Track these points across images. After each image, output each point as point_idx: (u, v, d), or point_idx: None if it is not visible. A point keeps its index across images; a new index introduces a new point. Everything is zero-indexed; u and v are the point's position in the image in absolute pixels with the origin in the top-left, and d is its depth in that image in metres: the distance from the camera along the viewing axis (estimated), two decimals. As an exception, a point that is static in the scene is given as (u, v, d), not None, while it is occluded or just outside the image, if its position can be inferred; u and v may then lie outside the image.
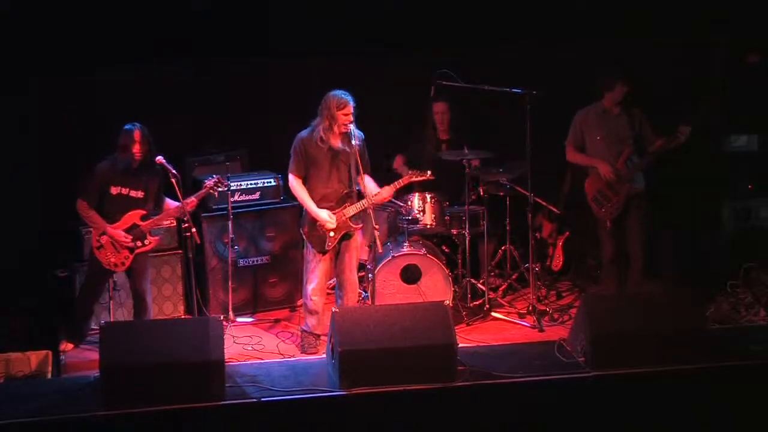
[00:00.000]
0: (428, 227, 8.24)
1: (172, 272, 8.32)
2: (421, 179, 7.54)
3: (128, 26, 8.37)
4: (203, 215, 8.35)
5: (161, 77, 8.70)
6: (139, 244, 7.49)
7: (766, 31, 9.06)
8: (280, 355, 7.44)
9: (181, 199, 7.48)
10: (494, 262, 8.82)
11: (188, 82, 8.83)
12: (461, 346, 6.82)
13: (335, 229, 7.40)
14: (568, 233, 9.04)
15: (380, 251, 7.47)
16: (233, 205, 8.17)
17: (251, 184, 8.54)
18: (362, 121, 7.41)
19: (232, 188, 8.09)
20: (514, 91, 7.90)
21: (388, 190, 7.42)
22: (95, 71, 8.45)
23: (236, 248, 8.21)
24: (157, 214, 7.59)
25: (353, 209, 7.42)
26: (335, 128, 7.29)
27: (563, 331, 7.57)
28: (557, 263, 9.07)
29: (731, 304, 8.08)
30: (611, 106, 8.14)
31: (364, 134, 7.46)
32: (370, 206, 7.37)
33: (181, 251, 8.25)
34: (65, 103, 8.52)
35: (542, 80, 8.19)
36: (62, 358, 7.35)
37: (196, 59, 8.65)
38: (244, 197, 8.49)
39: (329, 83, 7.39)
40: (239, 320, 8.22)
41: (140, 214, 7.50)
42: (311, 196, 7.41)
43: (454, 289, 8.01)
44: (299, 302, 8.22)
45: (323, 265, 7.47)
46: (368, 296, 7.89)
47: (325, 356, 7.01)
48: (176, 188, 7.44)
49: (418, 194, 8.22)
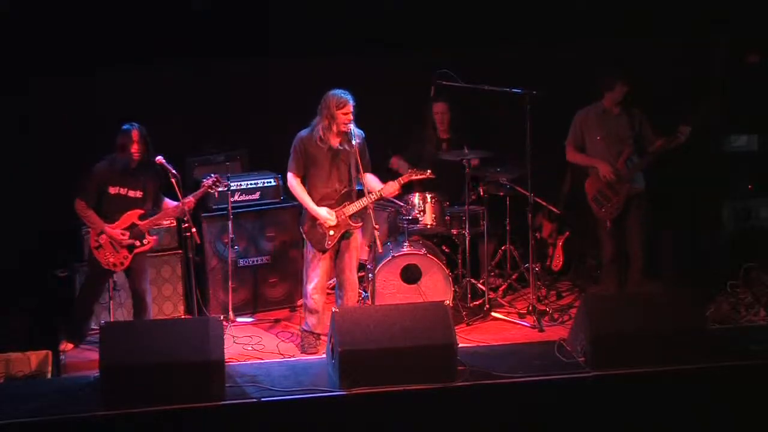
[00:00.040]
0: (428, 227, 8.24)
1: (172, 272, 8.32)
2: (421, 177, 7.54)
3: (128, 26, 8.36)
4: (203, 215, 8.35)
5: (161, 77, 8.70)
6: (137, 243, 7.49)
7: (766, 31, 9.05)
8: (280, 355, 7.44)
9: (180, 199, 7.48)
10: (494, 262, 8.82)
11: (188, 82, 8.83)
12: (461, 346, 6.82)
13: (335, 227, 7.40)
14: (568, 233, 9.03)
15: (380, 251, 7.47)
16: (233, 205, 8.17)
17: (251, 184, 8.54)
18: (362, 120, 7.41)
19: (232, 188, 8.10)
20: (514, 91, 7.90)
21: (393, 184, 7.42)
22: (95, 71, 8.45)
23: (236, 248, 8.21)
24: (155, 213, 7.59)
25: (354, 207, 7.42)
26: (335, 127, 7.28)
27: (563, 331, 7.56)
28: (557, 263, 9.07)
29: (731, 304, 8.07)
30: (611, 106, 8.14)
31: (364, 133, 7.46)
32: (371, 203, 7.36)
33: (181, 251, 8.25)
34: (65, 103, 8.51)
35: (542, 80, 8.19)
36: (62, 358, 7.34)
37: (196, 59, 8.65)
38: (244, 197, 8.49)
39: (329, 83, 7.38)
40: (239, 320, 8.22)
41: (138, 213, 7.50)
42: (311, 195, 7.41)
43: (454, 289, 8.01)
44: (299, 302, 8.23)
45: (323, 264, 7.46)
46: (368, 296, 7.88)
47: (325, 356, 7.01)
48: (176, 188, 7.45)
49: (418, 194, 8.21)
